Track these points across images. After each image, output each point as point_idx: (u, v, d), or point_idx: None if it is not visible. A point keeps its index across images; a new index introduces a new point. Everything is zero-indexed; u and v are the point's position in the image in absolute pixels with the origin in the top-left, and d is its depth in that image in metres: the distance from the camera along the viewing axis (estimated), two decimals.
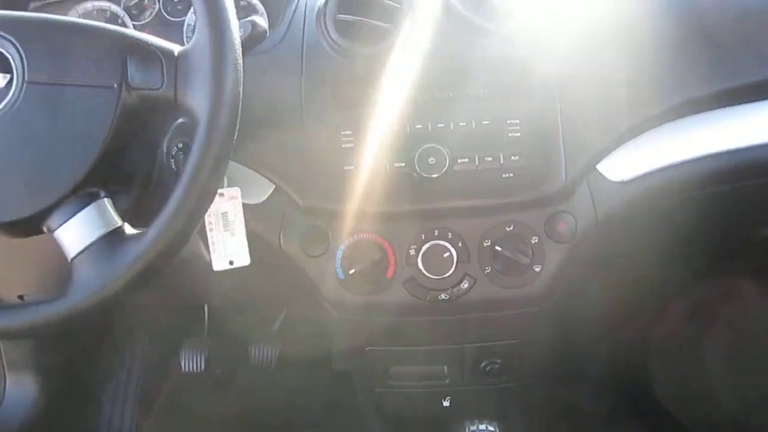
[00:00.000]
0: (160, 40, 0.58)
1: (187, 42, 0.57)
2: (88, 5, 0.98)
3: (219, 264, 0.75)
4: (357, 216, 0.76)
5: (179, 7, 0.97)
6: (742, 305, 1.10)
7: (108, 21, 0.98)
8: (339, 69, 0.77)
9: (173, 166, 0.69)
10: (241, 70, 0.55)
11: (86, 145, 0.55)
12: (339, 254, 0.77)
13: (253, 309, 1.22)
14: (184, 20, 0.96)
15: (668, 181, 0.76)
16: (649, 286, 1.02)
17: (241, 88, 0.54)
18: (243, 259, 0.77)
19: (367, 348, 0.86)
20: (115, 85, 0.56)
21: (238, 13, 0.58)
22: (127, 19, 0.98)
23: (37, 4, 0.96)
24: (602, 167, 0.76)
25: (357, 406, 1.16)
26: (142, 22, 0.98)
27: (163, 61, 0.56)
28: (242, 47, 0.56)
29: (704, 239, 0.92)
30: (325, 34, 0.78)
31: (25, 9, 0.95)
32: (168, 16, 0.97)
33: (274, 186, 0.77)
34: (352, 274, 0.76)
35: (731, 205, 0.87)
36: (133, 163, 0.63)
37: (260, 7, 0.92)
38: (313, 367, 1.40)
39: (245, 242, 0.76)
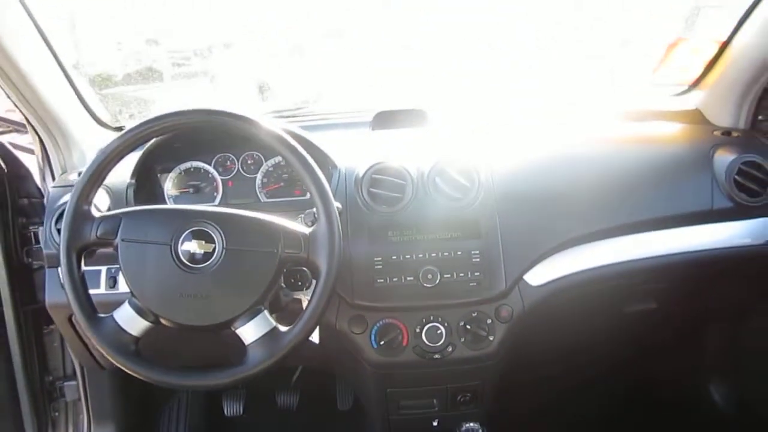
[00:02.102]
0: (298, 225, 1.07)
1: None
2: (188, 164, 1.47)
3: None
4: (384, 309, 1.27)
5: (252, 167, 1.46)
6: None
7: (201, 177, 1.46)
8: (369, 220, 1.28)
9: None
10: (342, 242, 1.05)
11: (259, 282, 1.03)
12: (373, 332, 1.26)
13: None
14: (255, 177, 1.45)
15: (565, 284, 1.30)
16: (558, 345, 1.60)
17: (342, 252, 1.04)
18: (315, 338, 1.26)
19: (388, 390, 1.36)
20: (275, 250, 1.04)
21: None
22: (216, 174, 1.46)
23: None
24: (527, 277, 1.29)
25: None
26: (228, 177, 1.46)
27: (301, 237, 1.05)
28: None
29: (587, 316, 1.49)
30: (361, 198, 1.29)
31: (155, 177, 1.42)
32: (244, 173, 1.46)
33: None
34: (382, 344, 1.26)
35: (603, 296, 1.44)
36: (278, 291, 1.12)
37: None
38: (325, 407, 1.89)
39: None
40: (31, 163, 1.53)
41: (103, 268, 1.29)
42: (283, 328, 1.04)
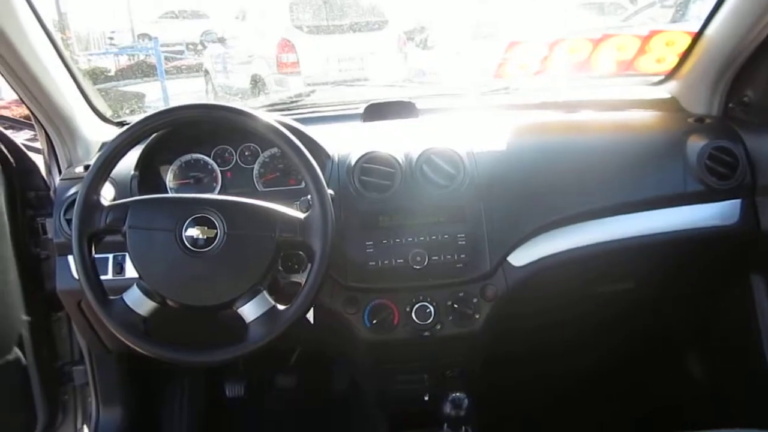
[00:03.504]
0: (294, 211, 1.14)
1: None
2: (189, 157, 1.53)
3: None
4: (376, 290, 1.35)
5: (249, 158, 1.53)
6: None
7: (201, 168, 1.52)
8: (361, 206, 1.36)
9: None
10: (334, 226, 1.12)
11: (258, 264, 1.10)
12: (366, 312, 1.34)
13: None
14: (253, 168, 1.51)
15: (546, 264, 1.38)
16: (540, 322, 1.69)
17: (334, 236, 1.12)
18: (310, 317, 1.34)
19: (381, 367, 1.44)
20: (273, 235, 1.11)
21: None
22: (215, 166, 1.53)
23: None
24: (510, 258, 1.37)
25: (361, 409, 1.76)
26: (226, 168, 1.53)
27: (297, 222, 1.12)
28: None
29: (567, 294, 1.58)
30: (353, 186, 1.37)
31: (156, 169, 1.49)
32: (242, 164, 1.53)
33: None
34: (374, 323, 1.34)
35: (583, 276, 1.52)
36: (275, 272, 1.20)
37: None
38: (322, 387, 1.98)
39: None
40: (37, 158, 1.60)
41: (111, 256, 1.36)
42: (281, 307, 1.11)
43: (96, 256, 1.15)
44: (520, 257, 1.38)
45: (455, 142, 1.42)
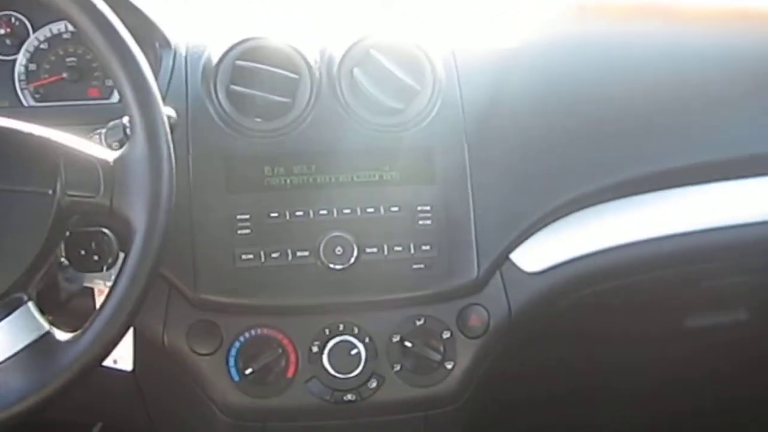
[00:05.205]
0: (94, 146, 0.60)
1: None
2: None
3: None
4: (254, 309, 0.72)
5: (7, 43, 0.85)
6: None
7: None
8: (233, 145, 0.73)
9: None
10: (175, 180, 0.58)
11: (17, 250, 0.57)
12: (233, 352, 0.71)
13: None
14: (14, 61, 0.85)
15: (583, 271, 0.76)
16: (570, 383, 1.01)
17: (174, 198, 0.57)
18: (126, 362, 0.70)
19: None
20: (50, 192, 0.57)
21: None
22: None
23: None
24: (516, 257, 0.74)
25: None
26: None
27: (100, 169, 0.58)
28: None
29: (623, 333, 0.93)
30: (217, 106, 0.73)
31: None
32: None
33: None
34: (249, 374, 0.71)
35: (652, 298, 0.88)
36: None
37: None
38: None
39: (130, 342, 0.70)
40: None
41: None
42: (63, 336, 0.59)
43: None
44: (534, 255, 0.75)
45: (420, 29, 0.79)
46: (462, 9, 0.85)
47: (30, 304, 0.58)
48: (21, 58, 0.85)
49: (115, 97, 0.80)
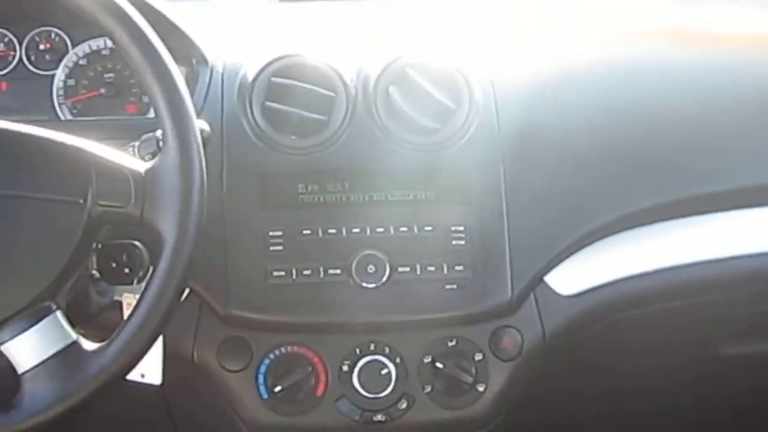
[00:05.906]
0: (126, 157, 0.60)
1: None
2: None
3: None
4: (284, 327, 0.72)
5: (47, 58, 0.86)
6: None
7: None
8: (267, 162, 0.73)
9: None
10: (206, 192, 0.57)
11: (47, 258, 0.57)
12: (263, 369, 0.71)
13: None
14: (53, 76, 0.86)
15: (618, 295, 0.74)
16: (609, 408, 0.99)
17: (204, 210, 0.57)
18: (155, 376, 0.70)
19: None
20: (81, 201, 0.57)
21: None
22: None
23: None
24: (550, 279, 0.73)
25: None
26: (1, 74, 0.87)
27: (131, 179, 0.58)
28: None
29: (661, 356, 0.90)
30: (252, 122, 0.73)
31: None
32: (32, 68, 0.87)
33: (188, 289, 0.70)
34: (278, 392, 0.70)
35: (689, 322, 0.86)
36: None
37: None
38: None
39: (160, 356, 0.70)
40: None
41: None
42: (90, 345, 0.59)
43: None
44: (569, 278, 0.74)
45: (457, 50, 0.78)
46: (499, 34, 0.85)
47: (58, 313, 0.58)
48: (60, 74, 0.85)
49: (152, 113, 0.81)
